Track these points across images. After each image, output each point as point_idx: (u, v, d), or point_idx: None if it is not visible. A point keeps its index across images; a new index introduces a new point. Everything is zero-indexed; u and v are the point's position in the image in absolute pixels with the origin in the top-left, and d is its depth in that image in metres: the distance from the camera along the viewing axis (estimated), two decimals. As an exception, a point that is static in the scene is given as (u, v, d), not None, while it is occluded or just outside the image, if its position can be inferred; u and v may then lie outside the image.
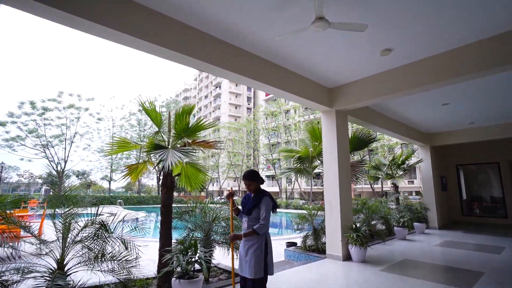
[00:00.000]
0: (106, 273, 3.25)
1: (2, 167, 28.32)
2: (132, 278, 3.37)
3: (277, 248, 6.62)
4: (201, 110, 67.96)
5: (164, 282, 3.84)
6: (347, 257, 5.79)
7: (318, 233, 6.55)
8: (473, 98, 7.21)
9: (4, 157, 50.07)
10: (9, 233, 3.56)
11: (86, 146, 33.31)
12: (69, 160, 30.82)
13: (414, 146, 16.69)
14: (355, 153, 8.44)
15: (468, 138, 10.36)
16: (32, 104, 27.97)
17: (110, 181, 38.85)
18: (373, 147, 26.79)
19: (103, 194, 35.72)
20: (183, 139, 4.49)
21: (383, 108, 8.00)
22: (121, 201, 29.13)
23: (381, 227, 8.65)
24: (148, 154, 4.39)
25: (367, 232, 5.93)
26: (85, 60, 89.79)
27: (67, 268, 3.14)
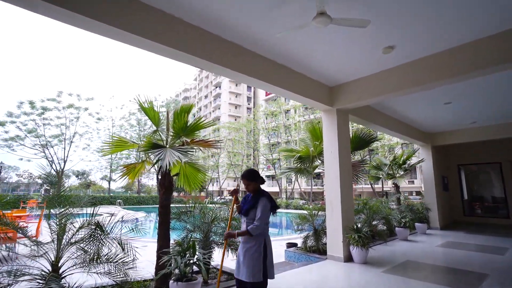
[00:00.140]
0: (103, 275, 3.18)
1: (1, 167, 28.26)
2: (129, 280, 3.30)
3: (277, 249, 6.54)
4: (201, 110, 67.93)
5: (162, 284, 3.76)
6: (348, 258, 5.70)
7: (318, 234, 6.46)
8: (473, 97, 7.16)
9: (4, 157, 49.92)
10: (3, 234, 3.50)
11: (85, 146, 33.23)
12: (68, 160, 30.78)
13: (415, 146, 16.63)
14: (356, 153, 8.36)
15: (469, 137, 10.31)
16: (31, 104, 27.87)
17: (110, 181, 38.79)
18: (374, 147, 26.74)
19: (103, 194, 35.61)
20: (182, 138, 4.41)
21: (384, 107, 7.93)
22: (120, 201, 29.05)
23: (382, 227, 8.56)
24: (146, 153, 4.31)
25: (368, 233, 5.85)
26: (84, 59, 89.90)
27: (62, 270, 3.08)
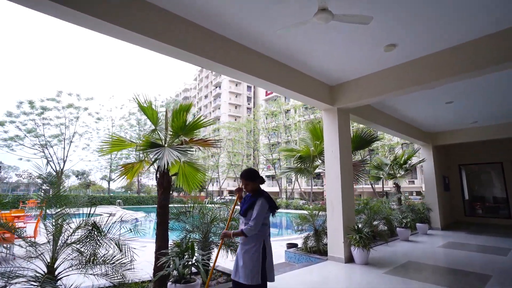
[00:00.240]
0: (100, 276, 3.12)
1: (0, 166, 28.20)
2: (127, 282, 3.23)
3: (278, 249, 6.48)
4: (201, 110, 67.85)
5: (160, 286, 3.70)
6: (349, 259, 5.64)
7: (319, 234, 6.40)
8: (474, 96, 7.11)
9: (3, 157, 49.86)
10: (0, 235, 3.43)
11: (85, 146, 33.18)
12: (68, 160, 30.73)
13: (415, 146, 16.57)
14: (356, 153, 8.30)
15: (470, 137, 10.26)
16: (31, 104, 27.82)
17: (109, 181, 38.72)
18: (374, 147, 26.62)
19: (102, 194, 35.56)
20: (181, 137, 4.34)
21: (385, 107, 7.87)
22: (120, 201, 28.99)
23: (383, 228, 8.49)
24: (144, 152, 4.25)
25: (369, 233, 5.78)
26: (84, 59, 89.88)
27: (58, 272, 3.02)
